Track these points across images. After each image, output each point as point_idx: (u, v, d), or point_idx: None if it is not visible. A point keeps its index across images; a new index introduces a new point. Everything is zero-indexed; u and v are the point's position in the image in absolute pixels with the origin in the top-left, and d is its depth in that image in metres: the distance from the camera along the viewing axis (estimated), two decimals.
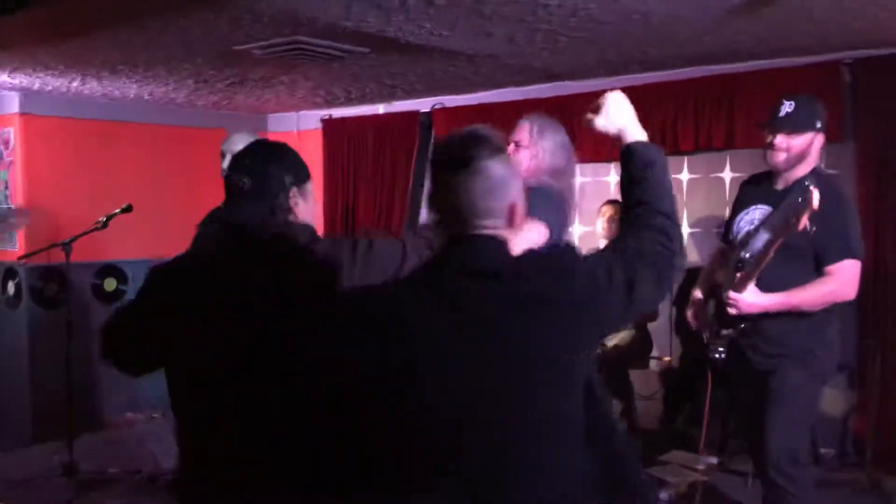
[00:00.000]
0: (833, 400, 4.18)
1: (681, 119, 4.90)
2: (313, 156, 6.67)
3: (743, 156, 4.85)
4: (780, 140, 2.95)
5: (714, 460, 4.06)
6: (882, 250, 4.27)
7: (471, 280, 1.48)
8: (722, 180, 5.06)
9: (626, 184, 1.77)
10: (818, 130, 2.98)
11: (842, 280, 2.87)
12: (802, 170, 2.98)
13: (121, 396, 5.77)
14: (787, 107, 2.97)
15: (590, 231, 5.43)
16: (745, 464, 3.74)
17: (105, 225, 4.15)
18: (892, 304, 4.27)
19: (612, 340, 4.80)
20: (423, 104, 6.06)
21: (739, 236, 3.09)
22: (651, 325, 4.99)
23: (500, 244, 1.53)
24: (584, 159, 5.29)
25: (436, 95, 5.94)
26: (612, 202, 5.00)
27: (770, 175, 3.09)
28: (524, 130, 2.99)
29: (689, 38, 4.10)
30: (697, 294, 3.23)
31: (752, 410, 3.08)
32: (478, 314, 1.46)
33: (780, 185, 3.03)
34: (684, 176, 5.19)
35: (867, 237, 4.27)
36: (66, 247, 4.23)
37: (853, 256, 2.87)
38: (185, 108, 6.28)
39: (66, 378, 4.42)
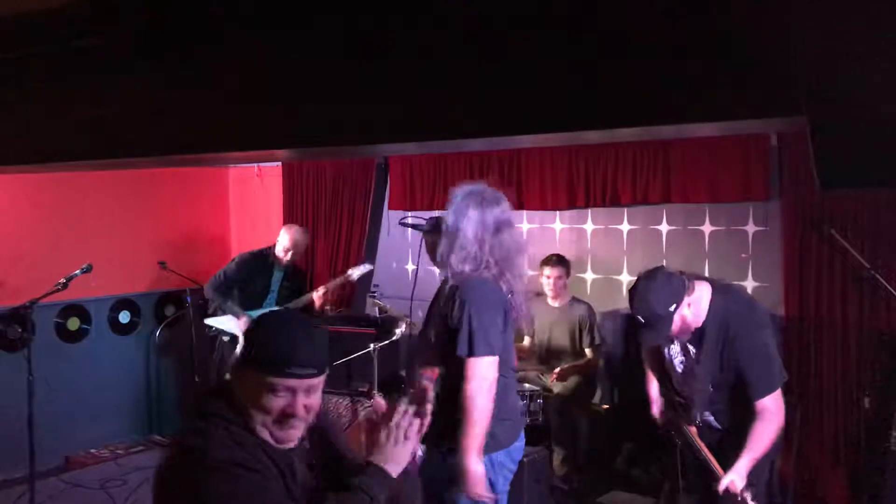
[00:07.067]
0: None
1: (620, 175, 5.15)
2: (273, 194, 6.82)
3: (678, 209, 5.14)
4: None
5: None
6: (806, 307, 4.54)
7: None
8: (659, 232, 5.32)
9: None
10: (680, 303, 3.06)
11: (776, 412, 3.06)
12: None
13: (85, 432, 5.94)
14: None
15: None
16: None
17: (65, 286, 4.31)
18: (812, 358, 4.54)
19: (557, 388, 4.98)
20: None
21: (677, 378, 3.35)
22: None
23: None
24: (532, 207, 5.57)
25: None
26: (551, 263, 5.12)
27: None
28: None
29: None
30: (654, 391, 3.50)
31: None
32: None
33: None
34: (625, 227, 5.44)
35: (792, 292, 4.58)
36: (31, 306, 4.38)
37: (776, 389, 3.08)
38: None
39: (28, 421, 4.53)
